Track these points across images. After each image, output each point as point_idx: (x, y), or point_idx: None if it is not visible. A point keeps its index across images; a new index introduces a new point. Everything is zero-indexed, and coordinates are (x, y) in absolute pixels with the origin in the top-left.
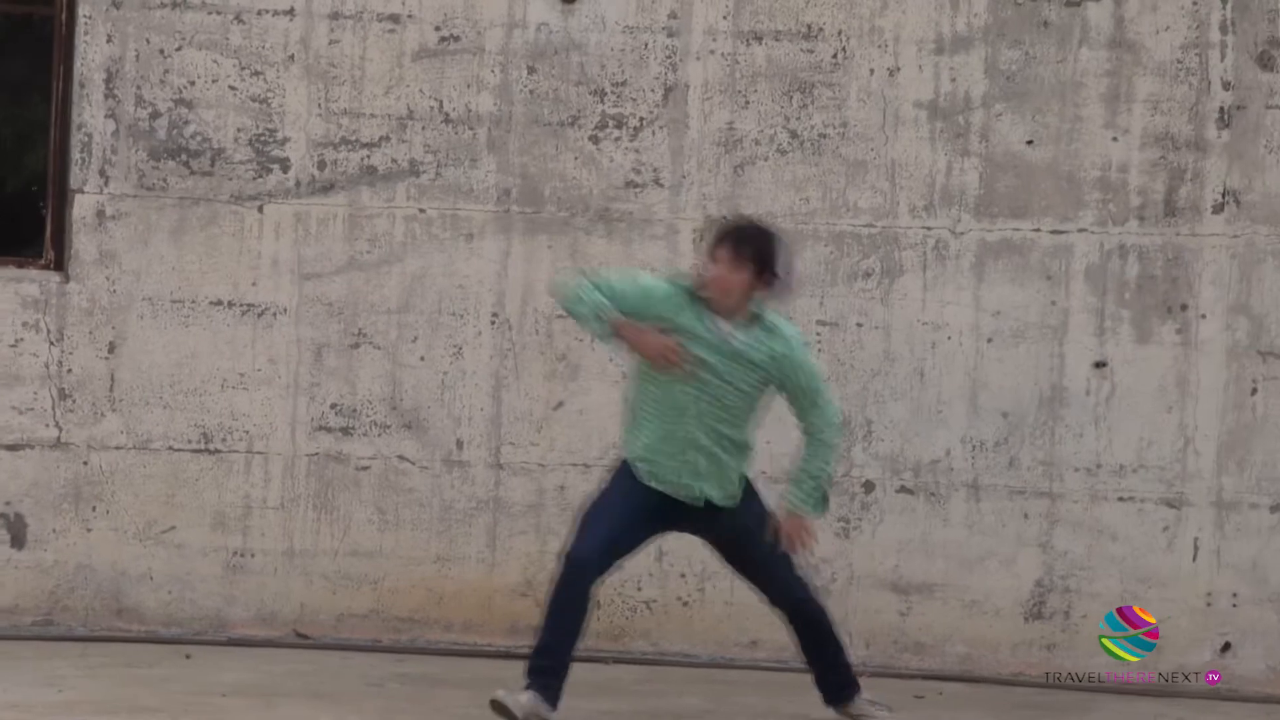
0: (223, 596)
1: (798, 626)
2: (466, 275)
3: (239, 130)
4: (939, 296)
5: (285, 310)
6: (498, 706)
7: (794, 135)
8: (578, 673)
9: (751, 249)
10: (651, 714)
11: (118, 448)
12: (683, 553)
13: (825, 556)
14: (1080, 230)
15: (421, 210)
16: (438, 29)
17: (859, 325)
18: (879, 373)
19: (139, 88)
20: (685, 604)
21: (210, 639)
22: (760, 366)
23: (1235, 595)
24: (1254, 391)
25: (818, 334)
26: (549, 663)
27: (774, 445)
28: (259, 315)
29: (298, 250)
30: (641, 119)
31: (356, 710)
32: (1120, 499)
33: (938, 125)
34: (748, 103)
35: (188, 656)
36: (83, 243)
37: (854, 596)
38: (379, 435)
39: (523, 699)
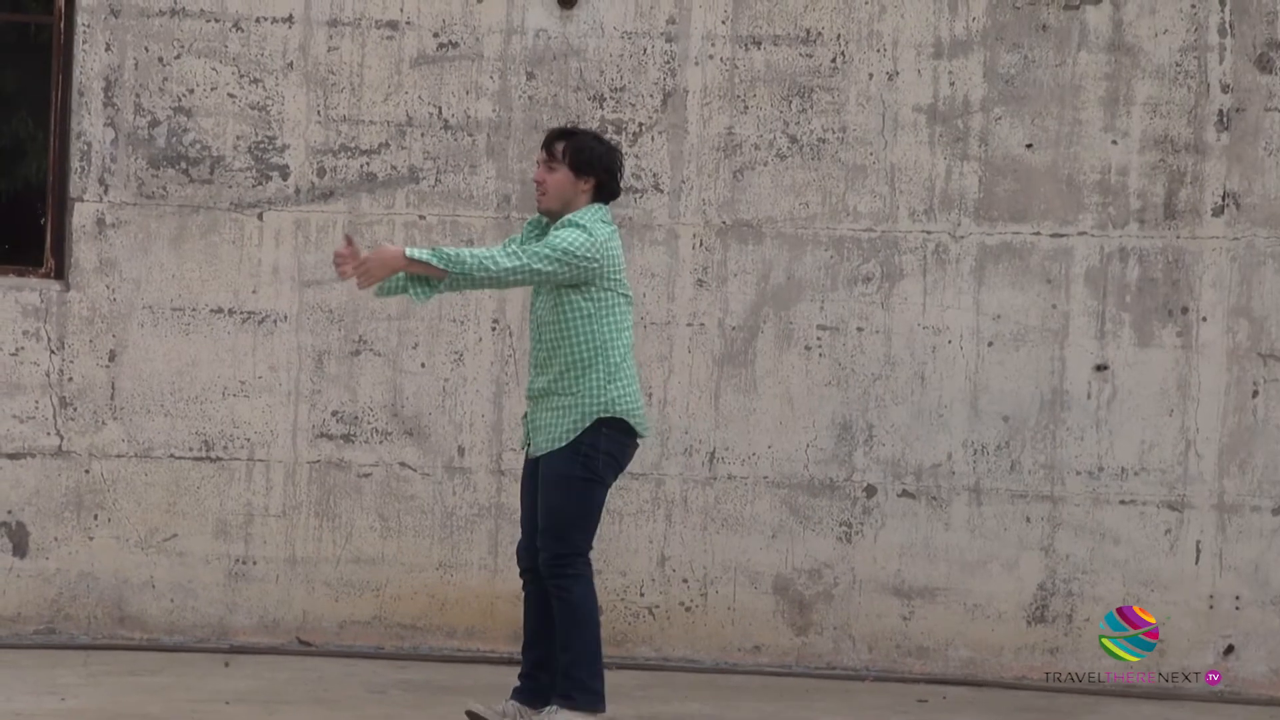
0: (225, 604)
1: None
2: None
3: (238, 138)
4: (939, 300)
5: (286, 317)
6: None
7: (793, 140)
8: None
9: (566, 146)
10: (654, 719)
11: (119, 456)
12: (685, 558)
13: (827, 561)
14: (1080, 233)
15: (421, 217)
16: (436, 36)
17: (859, 330)
18: (880, 377)
19: (138, 96)
20: (688, 609)
21: (213, 647)
22: None
23: (1238, 598)
24: (1255, 394)
25: (819, 338)
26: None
27: (775, 449)
28: (259, 323)
29: (298, 257)
30: (641, 124)
31: (359, 717)
32: (1122, 502)
33: (937, 129)
34: (747, 108)
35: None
36: (83, 251)
37: (856, 601)
38: (380, 442)
39: None
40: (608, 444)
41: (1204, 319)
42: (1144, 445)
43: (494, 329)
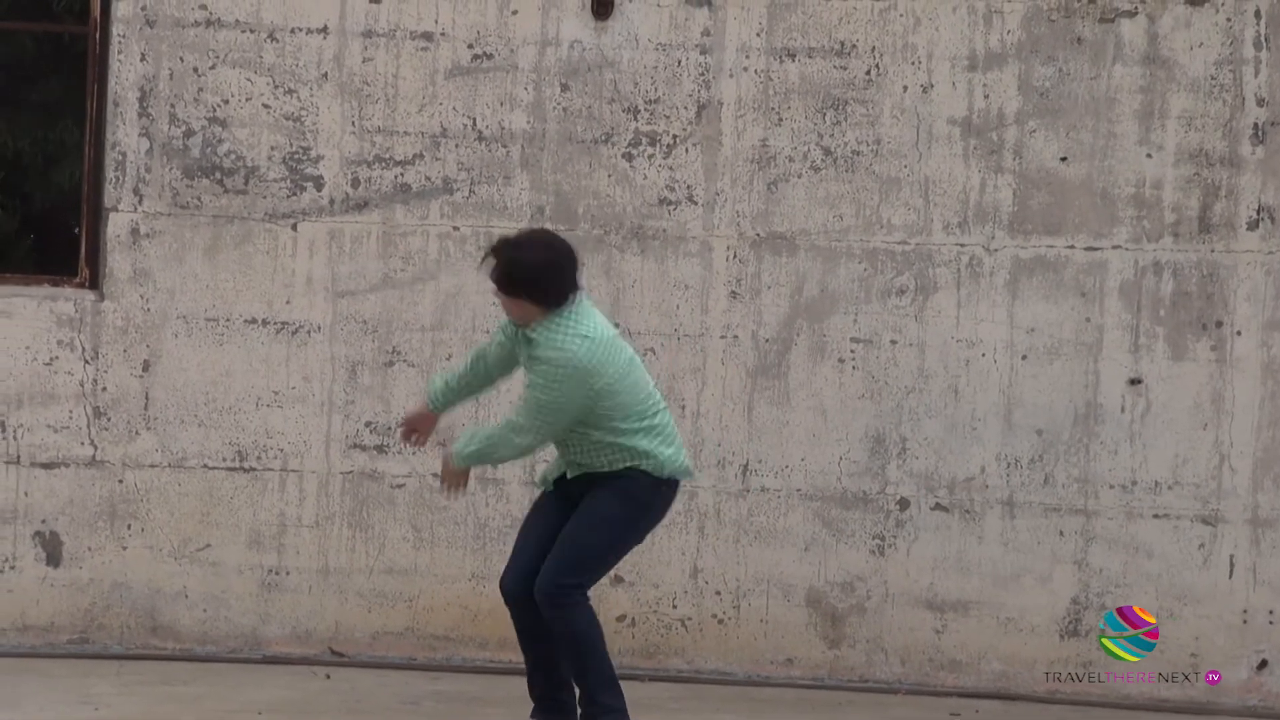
0: (258, 614)
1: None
2: None
3: (273, 148)
4: (973, 313)
5: (319, 328)
6: None
7: (827, 152)
8: None
9: (520, 286)
10: None
11: (153, 466)
12: (718, 570)
13: (860, 574)
14: (1114, 247)
15: (455, 228)
16: (470, 47)
17: (893, 343)
18: (913, 390)
19: (173, 106)
20: (720, 621)
21: (245, 657)
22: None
23: (1271, 612)
24: None
25: (852, 350)
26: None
27: (808, 462)
28: (293, 333)
29: (332, 268)
30: (675, 136)
31: None
32: (1156, 516)
33: (971, 142)
34: (781, 120)
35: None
36: (117, 261)
37: (889, 614)
38: (413, 453)
39: None
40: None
41: (1238, 333)
42: (1178, 459)
43: None
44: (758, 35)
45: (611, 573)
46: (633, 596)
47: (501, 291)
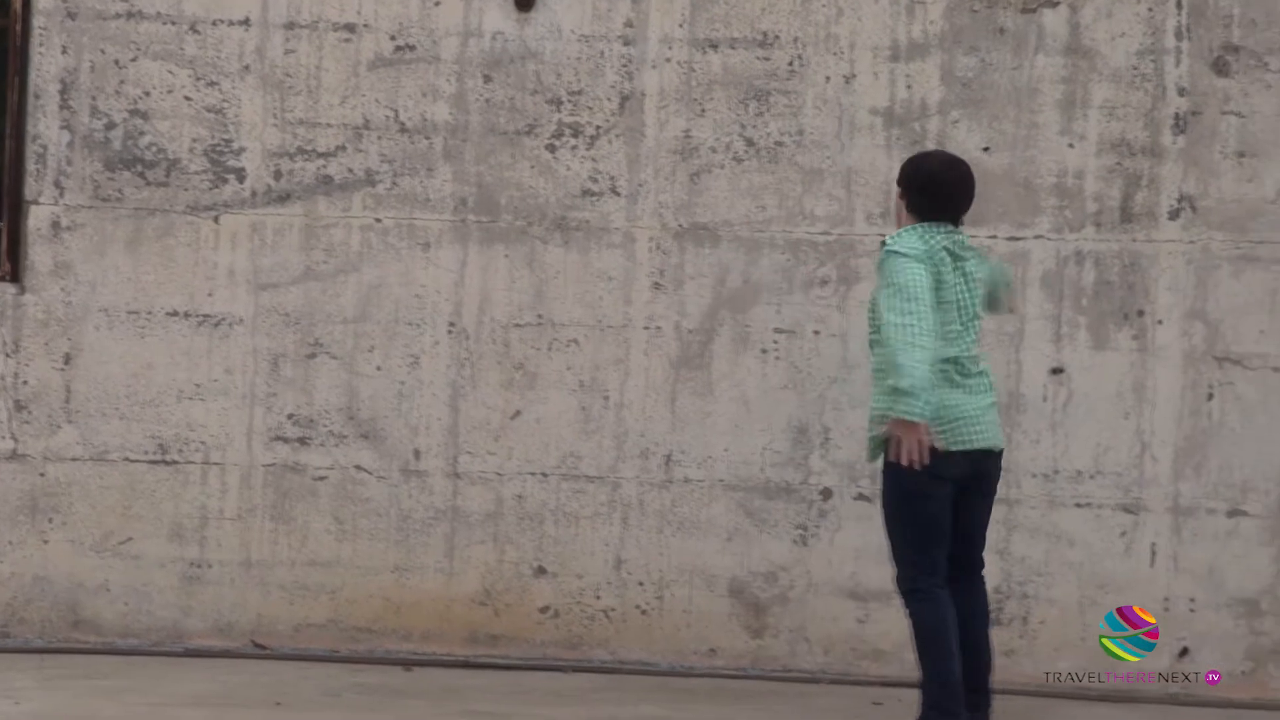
0: (180, 608)
1: None
2: (423, 285)
3: (194, 140)
4: None
5: (241, 321)
6: None
7: (750, 143)
8: (535, 681)
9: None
10: None
11: (74, 459)
12: (641, 561)
13: (783, 564)
14: (1036, 237)
15: (378, 220)
16: (393, 38)
17: (816, 333)
18: (836, 380)
19: (94, 98)
20: (644, 612)
21: (168, 650)
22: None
23: (1193, 600)
24: (1210, 397)
25: (775, 341)
26: None
27: (731, 452)
28: (215, 326)
29: (254, 260)
30: (598, 127)
31: None
32: (1077, 505)
33: (894, 132)
34: (704, 111)
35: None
36: (38, 254)
37: (812, 604)
38: (336, 445)
39: None
40: None
41: (1160, 322)
42: (1099, 448)
43: (450, 332)
44: (680, 26)
45: (535, 563)
46: (556, 587)
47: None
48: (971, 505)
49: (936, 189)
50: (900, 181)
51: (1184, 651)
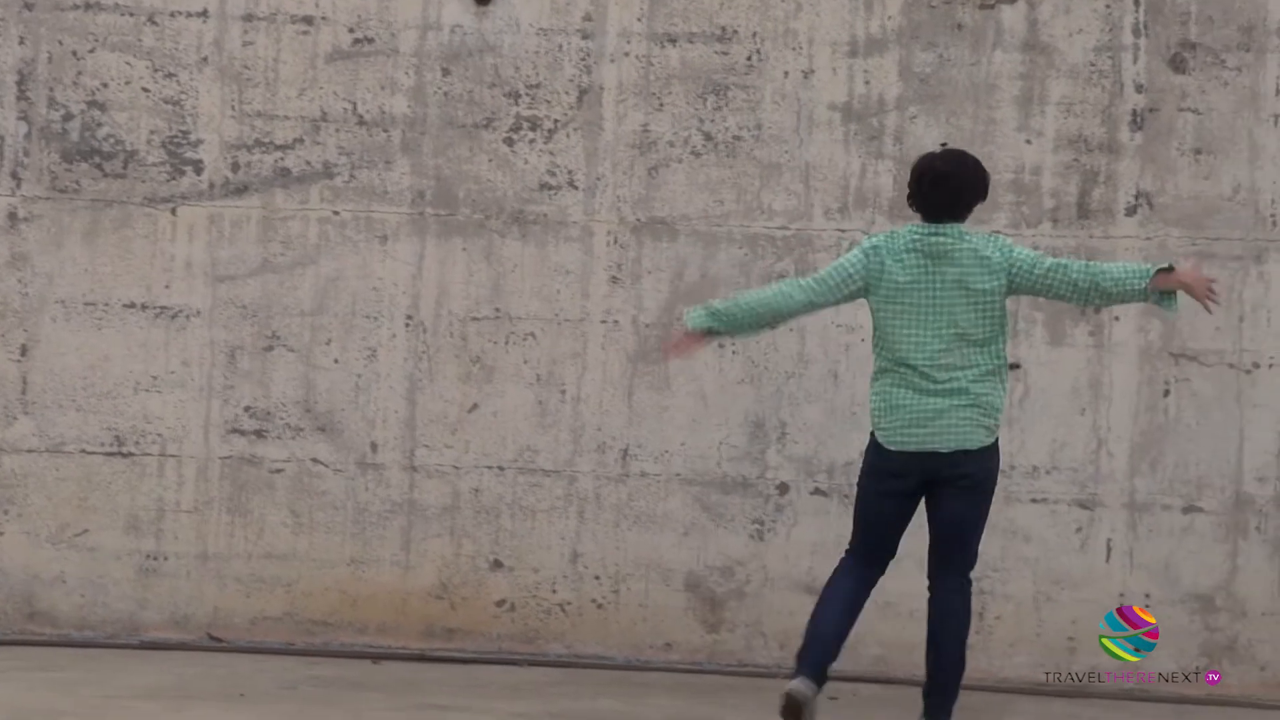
0: (136, 600)
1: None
2: (381, 278)
3: (152, 132)
4: None
5: (199, 313)
6: None
7: (708, 137)
8: (491, 674)
9: None
10: (565, 716)
11: (30, 450)
12: (597, 555)
13: (739, 559)
14: (993, 232)
15: (335, 212)
16: (351, 31)
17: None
18: (793, 375)
19: (52, 89)
20: (600, 606)
21: (123, 642)
22: None
23: (1148, 596)
24: (1166, 393)
25: None
26: None
27: (688, 446)
28: (172, 318)
29: (211, 252)
30: (556, 121)
31: (270, 713)
32: (1034, 500)
33: (852, 127)
34: (662, 105)
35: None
36: None
37: (768, 598)
38: (293, 438)
39: None
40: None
41: (1116, 318)
42: (1056, 444)
43: (408, 325)
44: (639, 20)
45: (491, 556)
46: (512, 581)
47: None
48: (941, 505)
49: (915, 188)
50: None
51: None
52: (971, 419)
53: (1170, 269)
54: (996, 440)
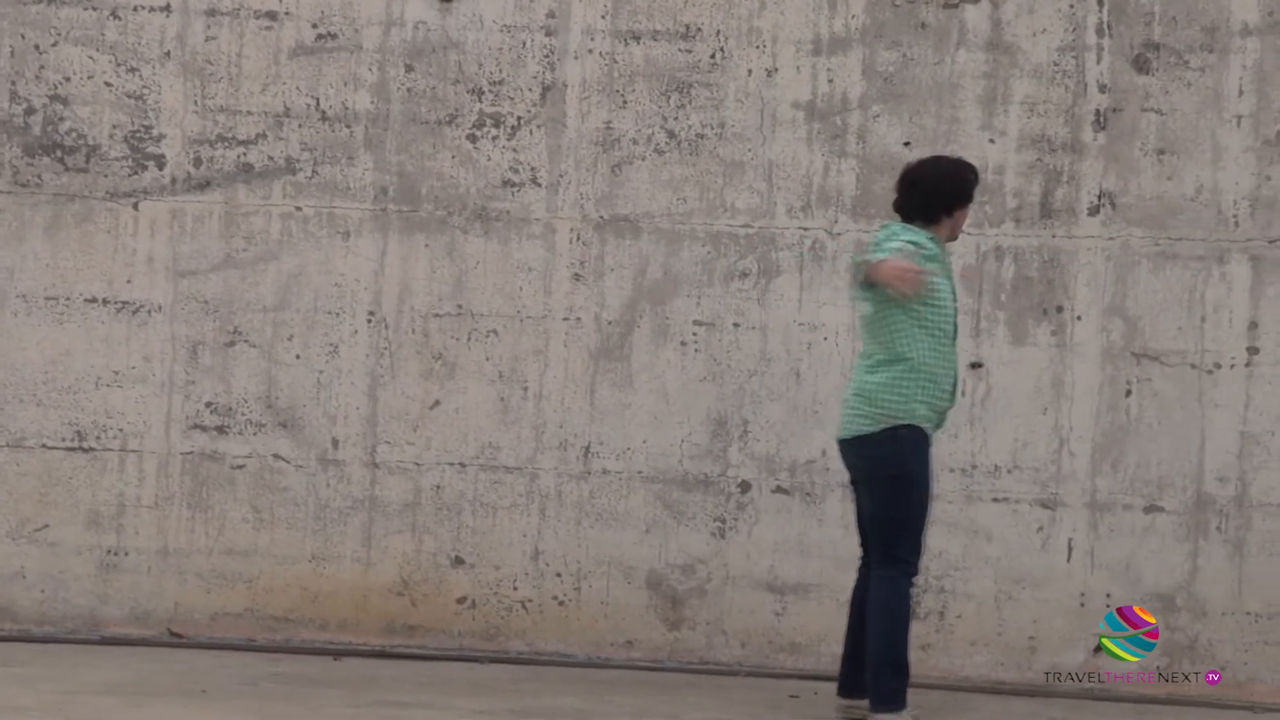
0: (96, 595)
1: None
2: (343, 273)
3: (114, 127)
4: (815, 297)
5: (160, 308)
6: None
7: (671, 135)
8: (452, 671)
9: None
10: (526, 713)
11: None
12: (559, 552)
13: (701, 557)
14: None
15: (298, 208)
16: (315, 26)
17: (736, 325)
18: (755, 373)
19: (14, 84)
20: (561, 604)
21: (84, 638)
22: None
23: (1109, 595)
24: (1128, 393)
25: (694, 333)
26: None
27: (650, 444)
28: (134, 313)
29: (173, 247)
30: (519, 118)
31: (230, 710)
32: (995, 499)
33: (815, 126)
34: (625, 102)
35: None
36: None
37: (730, 596)
38: (254, 434)
39: None
40: None
41: (1078, 318)
42: (1017, 443)
43: (370, 321)
44: (603, 18)
45: (452, 553)
46: (473, 578)
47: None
48: (859, 495)
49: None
50: None
51: (1099, 647)
52: (856, 408)
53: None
54: (890, 430)
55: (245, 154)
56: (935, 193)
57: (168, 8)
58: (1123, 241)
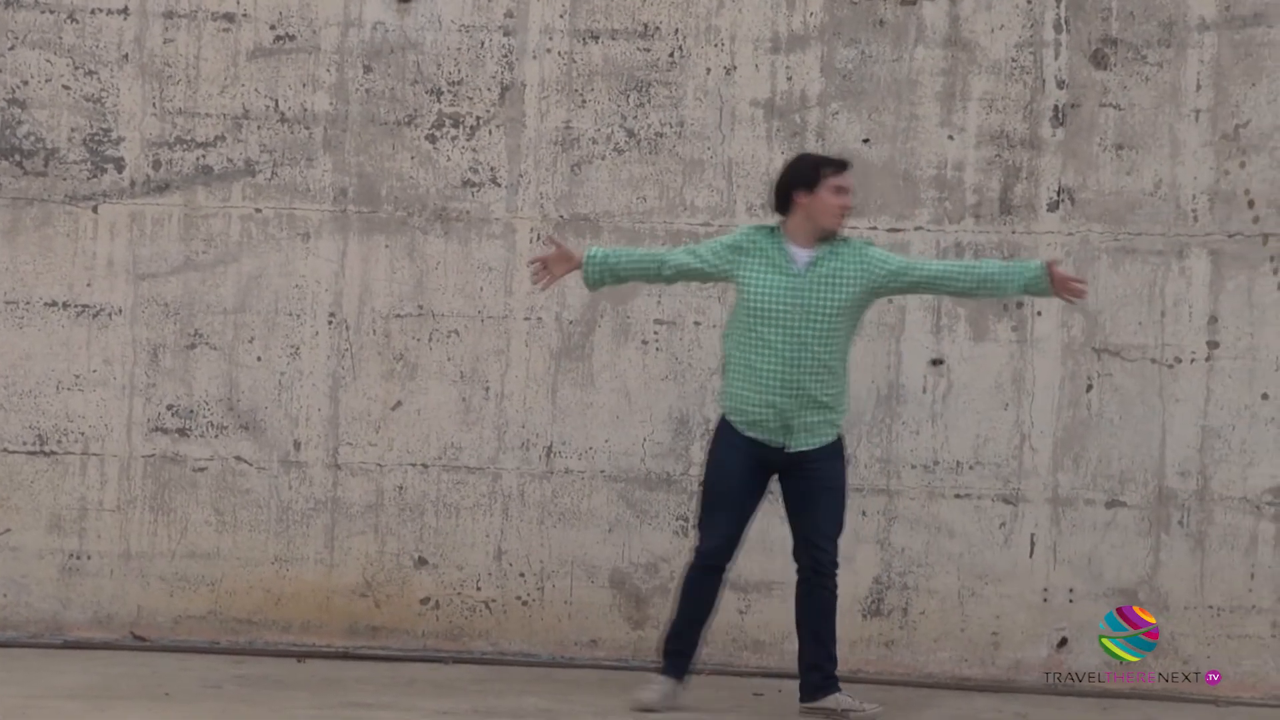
0: (59, 599)
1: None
2: (303, 275)
3: (73, 130)
4: None
5: (121, 311)
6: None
7: (631, 134)
8: (416, 672)
9: None
10: (491, 713)
11: None
12: (522, 552)
13: (664, 555)
14: (917, 228)
15: (258, 210)
16: (273, 28)
17: (696, 324)
18: (717, 371)
19: None
20: (525, 603)
21: (46, 642)
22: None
23: (1071, 590)
24: (1089, 388)
25: (655, 332)
26: (681, 646)
27: (612, 443)
28: (94, 316)
29: (133, 250)
30: (478, 118)
31: (194, 713)
32: (957, 496)
33: (774, 124)
34: (584, 102)
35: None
36: None
37: None
38: (216, 436)
39: (658, 688)
40: None
41: (1039, 314)
42: (979, 439)
43: (330, 323)
44: (561, 17)
45: (415, 554)
46: (436, 579)
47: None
48: None
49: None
50: None
51: (1063, 642)
52: None
53: None
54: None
55: (204, 156)
56: (778, 185)
57: (125, 10)
58: (1082, 237)
